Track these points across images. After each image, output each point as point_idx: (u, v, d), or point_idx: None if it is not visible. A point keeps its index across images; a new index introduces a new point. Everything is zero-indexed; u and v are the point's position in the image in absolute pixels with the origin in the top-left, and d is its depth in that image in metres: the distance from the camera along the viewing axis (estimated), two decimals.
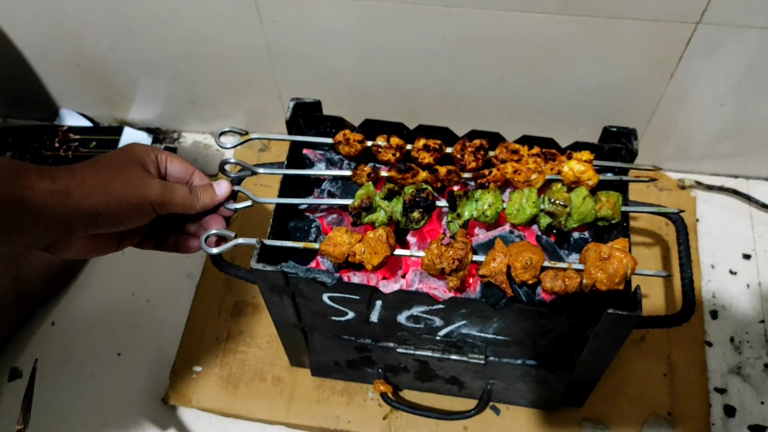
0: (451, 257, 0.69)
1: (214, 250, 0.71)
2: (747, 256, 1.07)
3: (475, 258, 0.71)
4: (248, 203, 0.75)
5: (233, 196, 0.74)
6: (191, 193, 0.68)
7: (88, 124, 1.25)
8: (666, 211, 0.77)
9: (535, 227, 0.79)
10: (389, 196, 0.74)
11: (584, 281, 0.69)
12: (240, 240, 0.72)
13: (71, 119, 1.24)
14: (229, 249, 0.71)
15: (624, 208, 0.74)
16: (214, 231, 0.71)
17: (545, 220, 0.75)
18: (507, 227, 0.78)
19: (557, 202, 0.73)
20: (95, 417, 0.96)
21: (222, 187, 0.71)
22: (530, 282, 0.70)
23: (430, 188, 0.75)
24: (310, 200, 0.80)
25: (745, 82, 0.95)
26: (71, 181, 0.58)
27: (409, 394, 0.95)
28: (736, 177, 1.14)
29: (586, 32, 0.89)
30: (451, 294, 0.75)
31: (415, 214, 0.74)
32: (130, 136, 1.22)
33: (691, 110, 1.01)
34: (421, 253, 0.71)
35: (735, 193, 1.12)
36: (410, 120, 0.81)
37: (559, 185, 0.75)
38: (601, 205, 0.74)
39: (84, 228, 0.60)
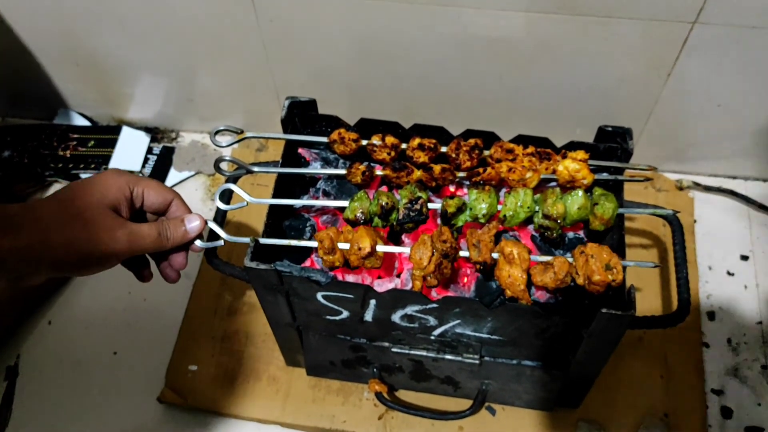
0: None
1: (201, 244, 0.71)
2: (745, 258, 1.07)
3: (463, 254, 0.71)
4: (243, 203, 0.75)
5: (221, 220, 0.73)
6: (160, 235, 0.66)
7: (86, 123, 1.25)
8: (661, 213, 0.77)
9: (530, 227, 0.79)
10: (384, 216, 0.74)
11: (575, 257, 0.69)
12: (232, 238, 0.72)
13: (70, 118, 1.25)
14: (217, 246, 0.72)
15: (619, 210, 0.74)
16: (211, 225, 0.71)
17: (539, 220, 0.75)
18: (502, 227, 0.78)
19: (552, 217, 0.73)
20: (91, 415, 0.96)
21: (193, 224, 0.68)
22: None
23: (425, 196, 0.74)
24: (304, 201, 0.80)
25: (742, 82, 0.94)
26: (34, 236, 0.57)
27: (404, 394, 0.95)
28: (734, 178, 1.14)
29: (582, 32, 0.89)
30: (445, 293, 0.75)
31: (409, 225, 0.75)
32: (128, 136, 1.23)
33: (688, 110, 1.01)
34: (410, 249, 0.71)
35: (733, 194, 1.11)
36: (408, 119, 0.81)
37: (554, 198, 0.74)
38: (593, 219, 0.74)
39: (44, 275, 0.59)
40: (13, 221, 0.56)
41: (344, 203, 0.76)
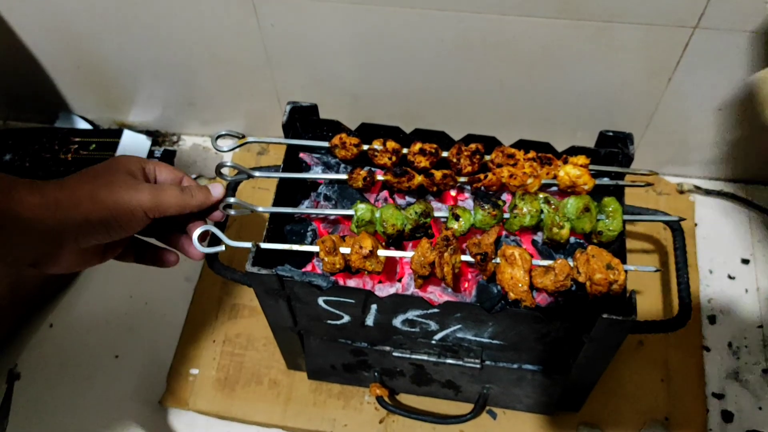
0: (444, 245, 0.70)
1: (203, 249, 0.71)
2: (746, 261, 1.07)
3: (464, 258, 0.71)
4: (247, 210, 0.75)
5: (228, 204, 0.74)
6: (184, 192, 0.67)
7: (87, 126, 1.25)
8: (664, 219, 0.77)
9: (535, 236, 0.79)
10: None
11: (576, 257, 0.69)
12: (234, 243, 0.72)
13: (71, 122, 1.25)
14: (218, 251, 0.72)
15: (629, 218, 0.74)
16: (206, 227, 0.71)
17: (543, 239, 0.76)
18: (503, 231, 0.78)
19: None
20: (92, 419, 0.97)
21: (216, 188, 0.71)
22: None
23: (429, 220, 0.75)
24: (308, 210, 0.80)
25: (743, 86, 0.94)
26: (60, 194, 0.58)
27: (405, 398, 0.95)
28: (735, 181, 1.14)
29: (583, 36, 0.89)
30: (446, 298, 0.75)
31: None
32: (129, 139, 1.23)
33: (690, 114, 1.01)
34: (411, 253, 0.71)
35: (734, 197, 1.11)
36: (409, 124, 0.81)
37: (558, 226, 0.74)
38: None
39: (74, 240, 0.59)
40: (39, 185, 0.58)
41: (347, 212, 0.76)
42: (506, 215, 0.75)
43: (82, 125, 1.25)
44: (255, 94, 1.12)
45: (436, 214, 0.76)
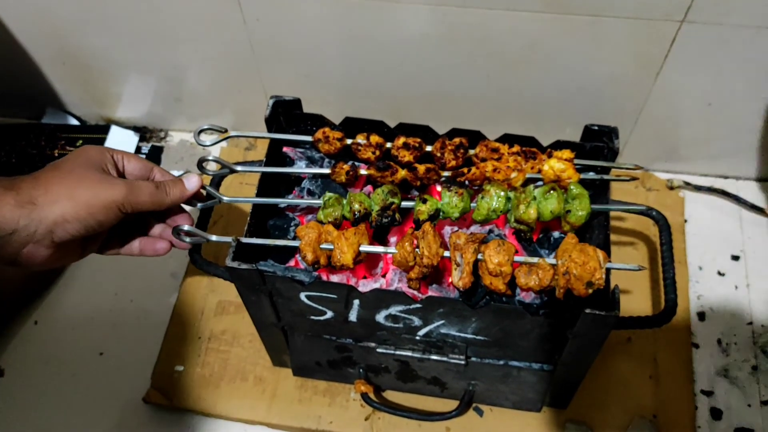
0: (422, 260, 0.69)
1: (186, 240, 0.71)
2: (735, 258, 1.06)
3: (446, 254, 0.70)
4: (215, 201, 0.74)
5: (207, 196, 0.73)
6: (158, 189, 0.67)
7: (75, 122, 1.25)
8: (640, 210, 0.76)
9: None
10: (357, 221, 0.74)
11: (558, 268, 0.68)
12: (214, 237, 0.72)
13: (58, 118, 1.24)
14: (199, 243, 0.71)
15: (601, 207, 0.73)
16: (186, 227, 0.70)
17: (512, 223, 0.74)
18: (487, 227, 0.78)
19: (524, 222, 0.72)
20: (76, 416, 0.96)
21: (191, 181, 0.70)
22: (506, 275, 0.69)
23: (397, 201, 0.74)
24: (283, 200, 0.79)
25: (732, 81, 0.94)
26: (35, 192, 0.58)
27: (391, 395, 0.95)
28: (726, 177, 1.13)
29: (569, 30, 0.89)
30: (429, 293, 0.74)
31: (385, 222, 0.74)
32: (116, 135, 1.22)
33: (679, 110, 1.00)
34: (393, 250, 0.70)
35: (724, 193, 1.11)
36: (396, 118, 0.80)
37: (526, 203, 0.72)
38: (564, 223, 0.73)
39: (51, 237, 0.59)
40: (12, 183, 0.58)
41: (320, 202, 0.75)
42: (473, 204, 0.74)
43: (70, 121, 1.24)
44: (242, 89, 1.11)
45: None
